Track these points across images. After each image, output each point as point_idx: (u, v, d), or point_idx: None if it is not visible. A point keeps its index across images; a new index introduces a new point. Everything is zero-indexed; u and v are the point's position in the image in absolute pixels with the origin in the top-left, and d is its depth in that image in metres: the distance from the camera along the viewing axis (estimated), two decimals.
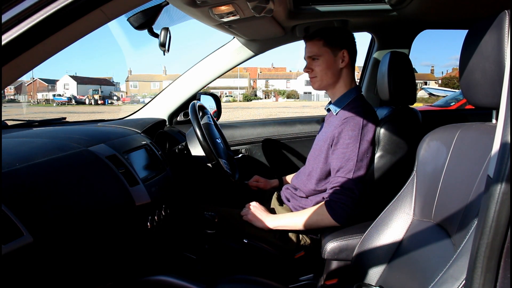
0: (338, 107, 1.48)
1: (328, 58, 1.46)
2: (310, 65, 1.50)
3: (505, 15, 0.78)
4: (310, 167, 1.51)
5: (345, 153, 1.36)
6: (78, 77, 57.34)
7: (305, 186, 1.51)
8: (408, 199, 1.09)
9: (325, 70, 1.47)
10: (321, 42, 1.46)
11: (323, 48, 1.46)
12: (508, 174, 0.58)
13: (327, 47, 1.46)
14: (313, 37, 1.48)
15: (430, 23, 2.05)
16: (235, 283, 1.13)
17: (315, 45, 1.47)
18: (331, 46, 1.46)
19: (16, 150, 1.04)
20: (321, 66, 1.47)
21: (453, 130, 0.97)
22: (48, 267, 0.90)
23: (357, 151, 1.35)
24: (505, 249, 0.59)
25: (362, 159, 1.36)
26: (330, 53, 1.46)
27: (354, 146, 1.35)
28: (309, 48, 1.49)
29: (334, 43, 1.46)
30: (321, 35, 1.47)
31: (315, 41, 1.47)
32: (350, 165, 1.35)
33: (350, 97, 1.47)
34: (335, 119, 1.46)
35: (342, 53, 1.46)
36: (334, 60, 1.46)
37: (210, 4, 1.28)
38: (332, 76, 1.48)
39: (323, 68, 1.47)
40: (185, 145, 1.69)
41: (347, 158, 1.35)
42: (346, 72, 1.49)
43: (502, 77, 0.72)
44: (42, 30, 0.64)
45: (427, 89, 24.41)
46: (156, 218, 1.37)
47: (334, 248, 1.24)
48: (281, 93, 54.89)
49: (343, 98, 1.48)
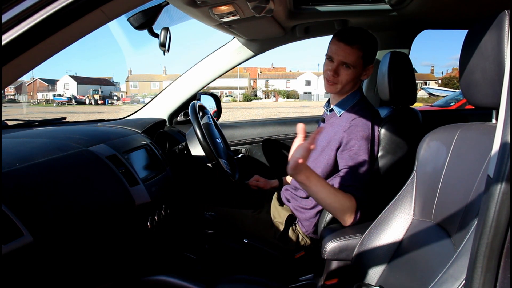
0: (342, 108, 1.45)
1: (359, 70, 1.40)
2: (338, 70, 1.39)
3: (505, 15, 0.78)
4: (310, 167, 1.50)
5: (358, 157, 1.33)
6: (78, 77, 57.37)
7: None
8: (408, 199, 1.09)
9: (350, 80, 1.40)
10: (361, 53, 1.37)
11: (360, 60, 1.38)
12: (508, 174, 0.58)
13: (363, 60, 1.39)
14: (353, 43, 1.36)
15: (430, 23, 2.05)
16: (235, 283, 1.13)
17: (354, 54, 1.37)
18: (365, 60, 1.39)
19: (16, 150, 1.04)
20: (350, 76, 1.39)
21: (453, 130, 0.97)
22: (48, 267, 0.90)
23: (367, 155, 1.33)
24: (505, 249, 0.59)
25: (371, 164, 1.35)
26: (361, 66, 1.40)
27: (365, 149, 1.33)
28: (346, 54, 1.37)
29: (370, 57, 1.41)
30: (362, 45, 1.37)
31: (355, 49, 1.36)
32: (363, 168, 1.33)
33: (355, 99, 1.44)
34: (339, 120, 1.43)
35: (369, 68, 1.42)
36: (361, 73, 1.42)
37: (210, 4, 1.28)
38: (352, 86, 1.43)
39: (350, 78, 1.39)
40: (185, 145, 1.69)
41: (360, 161, 1.33)
42: (361, 84, 1.47)
43: (502, 77, 0.72)
44: (42, 30, 0.64)
45: (427, 89, 24.42)
46: (156, 218, 1.37)
47: (334, 248, 1.24)
48: (281, 93, 54.90)
49: (348, 99, 1.45)
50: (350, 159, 1.34)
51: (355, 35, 1.38)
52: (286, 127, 2.18)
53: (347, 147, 1.35)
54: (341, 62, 1.38)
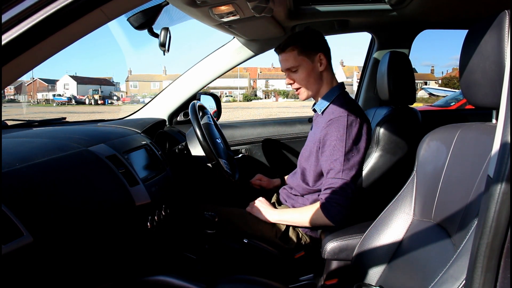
0: (322, 106, 1.47)
1: (307, 65, 1.42)
2: (290, 77, 1.45)
3: (505, 15, 0.78)
4: (302, 167, 1.52)
5: (333, 154, 1.34)
6: (78, 77, 57.36)
7: (298, 185, 1.52)
8: (408, 199, 1.09)
9: (307, 79, 1.43)
10: (295, 51, 1.41)
11: (299, 57, 1.41)
12: (508, 174, 0.58)
13: (303, 55, 1.41)
14: (285, 48, 1.42)
15: (430, 23, 2.05)
16: (235, 283, 1.13)
17: (290, 56, 1.42)
18: (306, 53, 1.41)
19: (16, 150, 1.04)
20: (302, 75, 1.43)
21: (453, 130, 0.97)
22: (48, 267, 0.90)
23: (343, 151, 1.33)
24: (505, 249, 0.59)
25: (349, 158, 1.34)
26: (307, 60, 1.42)
27: (340, 146, 1.34)
28: (285, 61, 1.43)
29: (308, 48, 1.41)
30: (292, 43, 1.41)
31: (288, 52, 1.42)
32: (338, 165, 1.33)
33: (333, 95, 1.45)
34: (321, 119, 1.45)
35: (319, 57, 1.42)
36: (313, 67, 1.42)
37: (210, 4, 1.28)
38: (315, 82, 1.45)
39: (305, 77, 1.43)
40: (185, 145, 1.69)
41: (335, 159, 1.34)
42: (326, 73, 1.46)
43: (502, 77, 0.72)
44: (42, 30, 0.63)
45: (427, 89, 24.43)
46: (156, 218, 1.37)
47: (334, 248, 1.24)
48: (281, 93, 54.90)
49: (326, 97, 1.46)
50: (325, 161, 1.36)
51: (285, 41, 1.43)
52: (286, 127, 2.18)
53: (323, 148, 1.37)
54: (286, 70, 1.45)
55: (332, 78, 1.48)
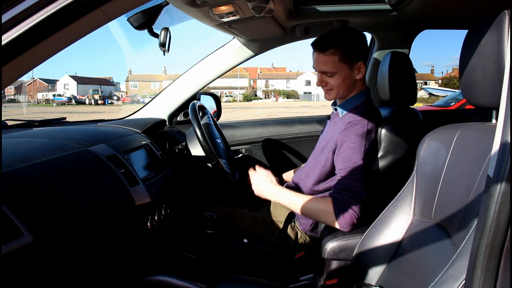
0: (344, 109, 1.41)
1: (345, 73, 1.34)
2: (323, 79, 1.37)
3: (505, 15, 0.78)
4: (310, 166, 1.49)
5: (351, 158, 1.29)
6: (78, 77, 57.37)
7: (304, 185, 1.50)
8: (408, 199, 1.09)
9: (341, 85, 1.36)
10: (336, 57, 1.31)
11: (339, 64, 1.32)
12: (508, 174, 0.58)
13: (343, 62, 1.32)
14: (326, 49, 1.31)
15: (430, 23, 2.05)
16: (235, 283, 1.13)
17: (329, 61, 1.32)
18: (347, 61, 1.33)
19: (16, 150, 1.04)
20: (337, 81, 1.35)
21: (453, 130, 0.97)
22: (48, 267, 0.90)
23: (362, 156, 1.28)
24: (505, 249, 0.59)
25: (367, 164, 1.30)
26: (346, 68, 1.34)
27: (359, 150, 1.29)
28: (321, 63, 1.33)
29: (351, 56, 1.33)
30: (337, 47, 1.31)
31: (328, 55, 1.31)
32: (357, 169, 1.28)
33: (359, 101, 1.40)
34: (340, 120, 1.40)
35: (359, 66, 1.36)
36: (350, 74, 1.36)
37: (210, 4, 1.28)
38: (348, 88, 1.39)
39: (340, 83, 1.35)
40: (185, 145, 1.69)
41: (354, 162, 1.28)
42: (360, 81, 1.41)
43: (502, 77, 0.72)
44: (42, 30, 0.63)
45: (427, 89, 24.43)
46: (156, 218, 1.37)
47: (334, 248, 1.24)
48: (281, 93, 54.90)
49: (351, 100, 1.41)
50: (342, 162, 1.30)
51: (326, 40, 1.32)
52: (286, 127, 2.18)
53: (340, 150, 1.32)
54: (322, 72, 1.36)
55: (363, 84, 1.43)
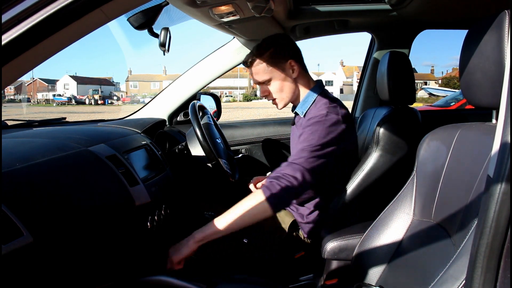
0: (303, 109, 1.41)
1: (278, 75, 1.37)
2: (264, 89, 1.40)
3: (505, 15, 0.78)
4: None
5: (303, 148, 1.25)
6: (78, 77, 57.37)
7: None
8: (408, 199, 1.09)
9: (281, 89, 1.38)
10: (263, 64, 1.36)
11: (269, 69, 1.36)
12: (508, 174, 0.58)
13: (272, 66, 1.36)
14: (252, 62, 1.37)
15: (430, 23, 2.05)
16: (235, 283, 1.13)
17: (259, 71, 1.37)
18: (275, 63, 1.36)
19: (16, 150, 1.04)
20: (275, 86, 1.38)
21: (453, 130, 0.97)
22: (48, 267, 0.90)
23: (313, 143, 1.25)
24: (505, 249, 0.59)
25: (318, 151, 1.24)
26: (277, 70, 1.36)
27: (311, 139, 1.26)
28: (255, 75, 1.39)
29: (277, 58, 1.36)
30: (259, 56, 1.36)
31: (256, 65, 1.37)
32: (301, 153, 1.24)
33: (314, 97, 1.40)
34: (303, 121, 1.38)
35: (290, 64, 1.37)
36: (285, 75, 1.37)
37: (210, 4, 1.28)
38: (290, 90, 1.40)
39: (279, 88, 1.38)
40: (185, 145, 1.69)
41: (301, 149, 1.25)
42: (301, 78, 1.41)
43: (502, 77, 0.72)
44: (42, 30, 0.63)
45: (427, 89, 24.44)
46: (156, 218, 1.37)
47: (334, 248, 1.24)
48: None
49: (306, 99, 1.41)
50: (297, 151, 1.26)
51: (250, 54, 1.39)
52: (286, 127, 2.18)
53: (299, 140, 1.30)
54: (258, 83, 1.40)
55: (309, 80, 1.43)
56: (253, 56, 1.38)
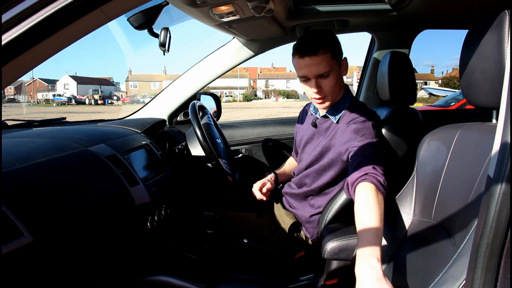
0: (337, 113, 1.37)
1: (336, 70, 1.30)
2: (319, 83, 1.29)
3: (505, 15, 0.78)
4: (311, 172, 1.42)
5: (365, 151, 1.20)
6: (78, 77, 57.36)
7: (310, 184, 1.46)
8: (408, 199, 1.09)
9: (334, 86, 1.31)
10: (329, 54, 1.26)
11: (332, 61, 1.28)
12: (508, 174, 0.58)
13: (335, 59, 1.29)
14: (317, 50, 1.25)
15: (430, 23, 2.05)
16: (235, 283, 1.13)
17: (324, 60, 1.26)
18: (337, 57, 1.30)
19: (16, 150, 1.04)
20: (332, 82, 1.29)
21: (453, 130, 0.97)
22: (48, 267, 0.90)
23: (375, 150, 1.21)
24: (505, 249, 0.59)
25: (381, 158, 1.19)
26: (337, 64, 1.30)
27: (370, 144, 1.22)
28: (317, 65, 1.26)
29: (338, 52, 1.31)
30: (325, 45, 1.26)
31: (321, 55, 1.26)
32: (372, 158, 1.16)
33: (348, 101, 1.37)
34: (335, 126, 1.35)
35: (344, 61, 1.34)
36: (339, 72, 1.32)
37: (210, 4, 1.28)
38: (340, 88, 1.35)
39: (333, 84, 1.30)
40: (185, 145, 1.69)
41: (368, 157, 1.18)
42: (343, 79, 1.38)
43: (502, 77, 0.72)
44: (42, 30, 0.64)
45: (427, 89, 24.44)
46: (156, 218, 1.37)
47: (334, 248, 1.24)
48: (281, 93, 54.89)
49: (341, 103, 1.37)
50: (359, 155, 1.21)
51: (313, 41, 1.27)
52: (286, 127, 2.18)
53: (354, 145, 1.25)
54: (318, 76, 1.28)
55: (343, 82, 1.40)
56: (318, 44, 1.26)
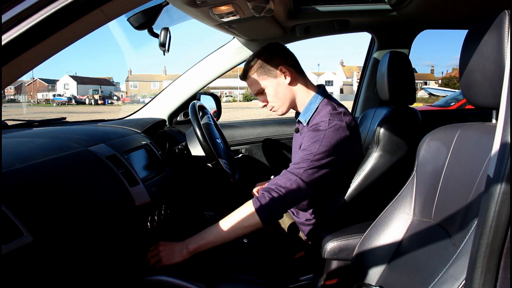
0: (306, 117, 1.39)
1: (271, 83, 1.39)
2: (261, 99, 1.45)
3: (505, 15, 0.78)
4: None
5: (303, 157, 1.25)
6: (78, 77, 57.37)
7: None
8: (408, 199, 1.09)
9: (275, 95, 1.40)
10: (255, 74, 1.40)
11: (261, 77, 1.39)
12: (508, 174, 0.58)
13: (263, 75, 1.39)
14: (246, 75, 1.42)
15: (430, 23, 2.05)
16: (235, 283, 1.13)
17: (253, 81, 1.41)
18: (266, 72, 1.39)
19: (16, 150, 1.04)
20: (272, 94, 1.40)
21: (453, 130, 0.97)
22: (48, 267, 0.90)
23: (315, 152, 1.23)
24: (505, 249, 0.59)
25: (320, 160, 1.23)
26: (269, 78, 1.39)
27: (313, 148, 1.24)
28: (251, 86, 1.44)
29: (266, 67, 1.39)
30: (251, 67, 1.40)
31: (249, 77, 1.41)
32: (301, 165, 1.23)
33: (316, 104, 1.38)
34: (307, 129, 1.36)
35: (280, 70, 1.37)
36: (277, 82, 1.38)
37: (210, 4, 1.28)
38: (285, 95, 1.40)
39: (273, 94, 1.40)
40: (185, 145, 1.69)
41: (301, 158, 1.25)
42: (296, 82, 1.40)
43: (502, 77, 0.72)
44: (42, 30, 0.64)
45: (427, 89, 24.45)
46: (156, 218, 1.37)
47: (334, 248, 1.24)
48: None
49: (310, 106, 1.39)
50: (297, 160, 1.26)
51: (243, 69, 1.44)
52: (286, 127, 2.18)
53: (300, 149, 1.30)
54: (257, 93, 1.44)
55: (306, 83, 1.42)
56: (244, 71, 1.43)
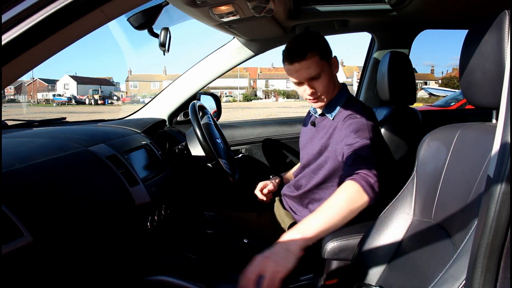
0: (333, 110, 1.37)
1: (327, 70, 1.32)
2: (311, 86, 1.32)
3: (505, 15, 0.78)
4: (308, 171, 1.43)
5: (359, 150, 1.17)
6: (78, 77, 57.37)
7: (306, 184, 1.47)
8: (408, 199, 1.09)
9: (327, 86, 1.32)
10: (317, 57, 1.29)
11: (321, 62, 1.30)
12: (508, 174, 0.58)
13: (324, 59, 1.31)
14: (304, 55, 1.28)
15: (430, 23, 2.05)
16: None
17: (312, 63, 1.28)
18: (326, 58, 1.32)
19: (16, 150, 1.04)
20: (325, 81, 1.31)
21: (453, 130, 0.97)
22: (48, 267, 0.90)
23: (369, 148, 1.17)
24: (505, 249, 0.59)
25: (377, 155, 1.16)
26: (327, 64, 1.32)
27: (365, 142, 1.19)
28: (307, 69, 1.29)
29: (326, 51, 1.32)
30: (312, 48, 1.29)
31: (310, 58, 1.28)
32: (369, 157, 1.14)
33: (344, 98, 1.37)
34: (332, 123, 1.36)
35: (333, 60, 1.35)
36: (331, 71, 1.33)
37: (210, 4, 1.28)
38: (333, 87, 1.35)
39: (326, 84, 1.31)
40: (185, 145, 1.69)
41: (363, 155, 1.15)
42: (336, 76, 1.38)
43: (502, 77, 0.72)
44: (42, 30, 0.64)
45: (427, 89, 24.46)
46: (156, 218, 1.37)
47: (334, 248, 1.24)
48: (281, 93, 54.90)
49: (337, 100, 1.37)
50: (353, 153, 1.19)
51: (300, 46, 1.30)
52: (286, 127, 2.18)
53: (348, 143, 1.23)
54: (309, 79, 1.31)
55: (337, 80, 1.41)
56: (304, 47, 1.29)
